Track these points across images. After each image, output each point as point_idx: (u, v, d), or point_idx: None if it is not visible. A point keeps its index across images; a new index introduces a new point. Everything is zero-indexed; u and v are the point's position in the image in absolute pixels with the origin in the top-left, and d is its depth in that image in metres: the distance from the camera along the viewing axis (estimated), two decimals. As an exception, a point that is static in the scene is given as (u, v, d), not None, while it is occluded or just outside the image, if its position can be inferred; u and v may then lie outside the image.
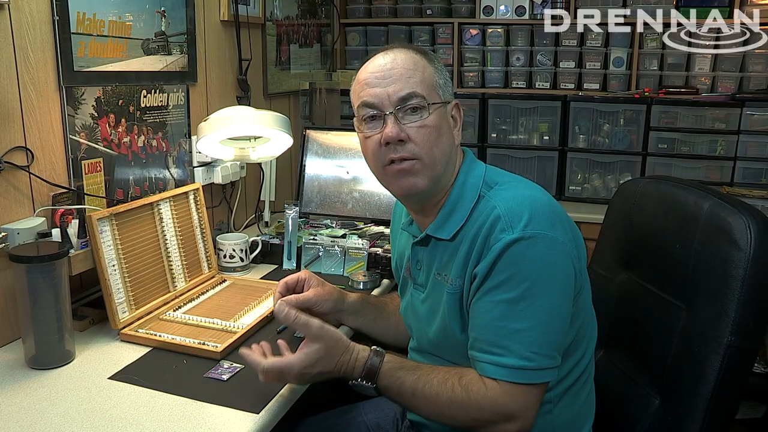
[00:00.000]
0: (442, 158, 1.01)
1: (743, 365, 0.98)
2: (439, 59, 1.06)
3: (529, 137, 2.68)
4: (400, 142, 0.98)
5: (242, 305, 1.42)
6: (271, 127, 1.63)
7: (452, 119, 1.04)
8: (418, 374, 0.97)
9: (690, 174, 2.49)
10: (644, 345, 1.13)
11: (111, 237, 1.31)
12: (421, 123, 0.98)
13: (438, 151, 1.00)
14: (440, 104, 1.01)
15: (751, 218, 0.97)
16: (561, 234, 0.93)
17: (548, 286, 0.91)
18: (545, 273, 0.90)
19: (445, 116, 1.02)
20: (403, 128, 0.98)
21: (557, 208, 0.97)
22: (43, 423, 0.97)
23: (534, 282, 0.90)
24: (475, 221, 0.97)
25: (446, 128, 1.02)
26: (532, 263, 0.90)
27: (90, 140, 1.42)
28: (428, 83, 1.00)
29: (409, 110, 0.98)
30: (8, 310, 1.24)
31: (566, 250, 0.93)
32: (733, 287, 0.95)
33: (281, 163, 2.17)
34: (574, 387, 1.03)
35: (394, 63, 1.00)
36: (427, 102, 0.99)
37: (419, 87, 0.99)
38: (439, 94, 1.01)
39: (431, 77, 1.01)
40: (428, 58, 1.03)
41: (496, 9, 2.78)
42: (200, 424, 0.98)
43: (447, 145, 1.02)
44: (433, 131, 0.99)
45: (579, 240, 0.99)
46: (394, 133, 0.97)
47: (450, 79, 1.05)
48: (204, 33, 1.85)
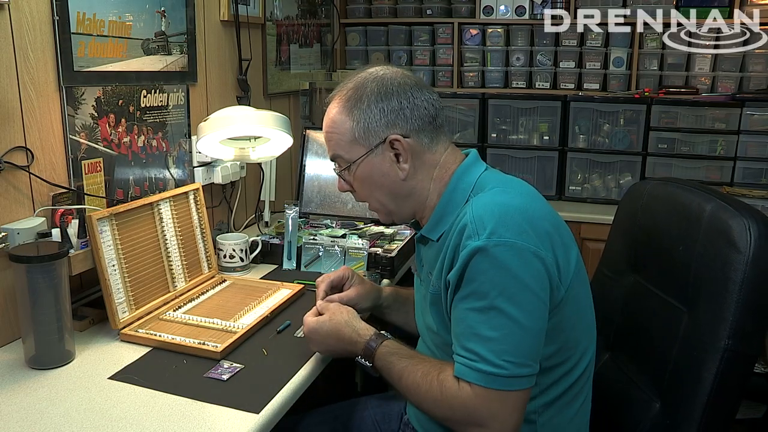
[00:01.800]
0: (386, 199, 1.09)
1: (741, 370, 0.97)
2: (367, 100, 1.03)
3: (529, 137, 2.68)
4: (350, 191, 1.13)
5: (242, 305, 1.42)
6: (271, 127, 1.63)
7: (392, 155, 1.05)
8: (407, 363, 1.01)
9: (690, 174, 2.49)
10: (647, 347, 1.13)
11: (111, 237, 1.31)
12: (351, 178, 1.09)
13: (379, 194, 1.09)
14: (363, 156, 1.05)
15: (751, 220, 0.96)
16: (532, 241, 0.91)
17: (518, 294, 0.89)
18: (513, 281, 0.89)
19: (375, 162, 1.06)
20: (346, 182, 1.11)
21: (534, 214, 0.94)
22: (43, 423, 0.97)
23: (502, 291, 0.89)
24: (456, 225, 0.97)
25: (379, 172, 1.06)
26: (499, 272, 0.89)
27: (90, 140, 1.42)
28: (346, 140, 1.06)
29: (341, 169, 1.10)
30: (8, 310, 1.24)
31: (537, 257, 0.90)
32: (732, 290, 0.95)
33: (281, 163, 2.17)
34: (562, 399, 1.02)
35: (324, 123, 1.10)
36: (348, 160, 1.07)
37: (337, 149, 1.08)
38: (362, 143, 1.05)
39: (348, 133, 1.05)
40: (348, 109, 1.05)
41: (496, 9, 2.78)
42: (200, 424, 0.98)
43: (387, 186, 1.07)
44: (365, 182, 1.08)
45: (563, 248, 0.96)
46: (339, 187, 1.14)
47: (384, 114, 1.03)
48: (204, 33, 1.85)
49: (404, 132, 1.04)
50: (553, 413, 1.01)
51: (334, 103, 1.08)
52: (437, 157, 1.07)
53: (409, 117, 1.04)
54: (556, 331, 0.96)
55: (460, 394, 0.91)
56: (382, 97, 1.04)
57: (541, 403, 1.00)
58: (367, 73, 1.08)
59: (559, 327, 0.96)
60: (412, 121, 1.04)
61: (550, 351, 0.97)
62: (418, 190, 1.07)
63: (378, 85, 1.04)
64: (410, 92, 1.04)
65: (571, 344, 1.01)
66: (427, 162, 1.06)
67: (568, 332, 0.99)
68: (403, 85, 1.05)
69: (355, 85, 1.06)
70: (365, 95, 1.04)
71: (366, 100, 1.04)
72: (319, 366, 1.19)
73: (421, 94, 1.05)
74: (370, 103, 1.04)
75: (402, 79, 1.06)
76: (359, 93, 1.05)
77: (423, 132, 1.05)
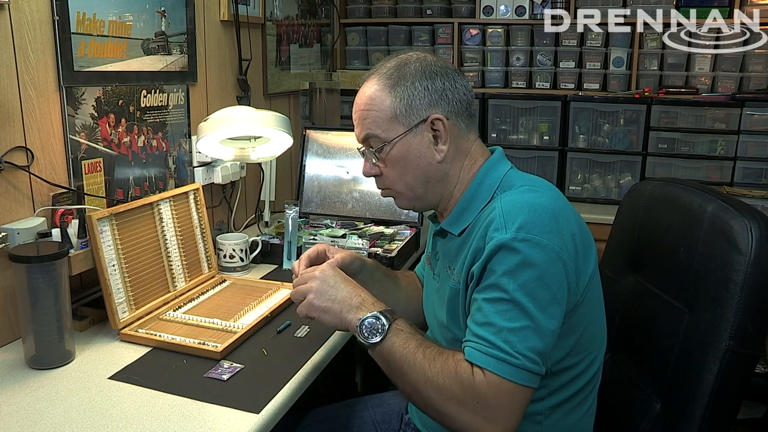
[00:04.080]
0: (417, 182, 1.06)
1: (742, 371, 0.96)
2: (411, 77, 1.03)
3: (529, 137, 2.68)
4: (376, 176, 1.09)
5: (242, 305, 1.42)
6: (271, 127, 1.63)
7: (431, 137, 1.03)
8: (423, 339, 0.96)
9: (690, 174, 2.49)
10: (648, 348, 1.13)
11: (111, 237, 1.31)
12: (384, 159, 1.05)
13: (409, 178, 1.05)
14: (402, 135, 1.02)
15: (753, 221, 0.96)
16: (557, 243, 0.90)
17: (538, 291, 0.88)
18: (535, 278, 0.89)
19: (413, 142, 1.03)
20: (373, 164, 1.08)
21: (561, 216, 0.94)
22: (43, 423, 0.97)
23: (522, 285, 0.88)
24: (482, 220, 0.97)
25: (416, 153, 1.03)
26: (522, 267, 0.89)
27: (90, 140, 1.42)
28: (385, 118, 1.03)
29: (372, 149, 1.06)
30: (8, 310, 1.24)
31: (560, 259, 0.90)
32: (733, 291, 0.94)
33: (281, 163, 2.17)
34: (571, 402, 1.01)
35: (357, 103, 1.07)
36: (385, 139, 1.03)
37: (373, 127, 1.04)
38: (402, 122, 1.02)
39: (389, 110, 1.02)
40: (390, 86, 1.03)
41: (496, 9, 2.78)
42: (200, 424, 0.98)
43: (421, 168, 1.04)
44: (397, 164, 1.05)
45: (584, 252, 0.96)
46: (365, 171, 1.10)
47: (429, 92, 1.02)
48: (204, 33, 1.85)
49: (445, 113, 1.03)
50: (559, 416, 1.01)
51: (371, 81, 1.05)
52: (469, 146, 1.07)
53: (450, 99, 1.03)
54: (569, 333, 0.96)
55: (473, 378, 0.88)
56: (427, 75, 1.02)
57: (548, 406, 0.99)
58: (408, 54, 1.07)
59: (571, 330, 0.96)
60: (453, 104, 1.03)
61: (560, 354, 0.97)
62: (450, 175, 1.06)
63: (422, 64, 1.04)
64: (452, 75, 1.04)
65: (582, 348, 1.00)
66: (461, 148, 1.06)
67: (579, 336, 0.98)
68: (445, 67, 1.05)
69: (397, 64, 1.05)
70: (410, 73, 1.03)
71: (410, 77, 1.02)
72: (319, 366, 1.19)
73: (461, 80, 1.06)
74: (414, 81, 1.02)
75: (444, 62, 1.06)
76: (403, 71, 1.03)
77: (461, 117, 1.05)
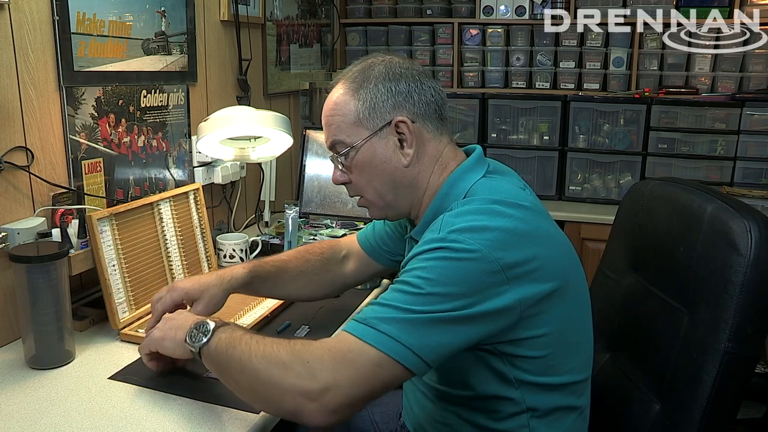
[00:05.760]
0: (385, 188, 1.03)
1: (741, 373, 0.96)
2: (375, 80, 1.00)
3: (529, 137, 2.68)
4: (345, 183, 1.07)
5: (242, 305, 1.42)
6: (271, 127, 1.63)
7: (397, 140, 1.01)
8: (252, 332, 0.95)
9: (690, 174, 2.49)
10: (647, 349, 1.12)
11: (111, 237, 1.31)
12: (350, 165, 1.03)
13: (377, 184, 1.03)
14: (366, 139, 1.00)
15: (753, 222, 0.95)
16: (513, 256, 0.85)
17: (447, 298, 0.83)
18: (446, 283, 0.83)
19: (378, 146, 1.00)
20: (343, 172, 1.06)
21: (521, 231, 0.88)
22: (43, 423, 0.97)
23: (432, 282, 0.83)
24: None
25: (382, 158, 1.01)
26: (439, 266, 0.84)
27: (90, 140, 1.42)
28: (349, 123, 1.01)
29: (340, 156, 1.04)
30: (8, 310, 1.24)
31: (492, 274, 0.84)
32: (732, 292, 0.94)
33: (281, 163, 2.17)
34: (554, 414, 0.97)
35: (324, 109, 1.05)
36: (350, 144, 1.02)
37: (338, 132, 1.03)
38: (366, 126, 1.00)
39: (352, 114, 1.00)
40: (353, 90, 1.01)
41: (496, 9, 2.78)
42: (200, 424, 0.98)
43: (387, 173, 1.02)
44: (364, 169, 1.03)
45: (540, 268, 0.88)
46: (334, 179, 1.08)
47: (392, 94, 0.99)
48: (204, 33, 1.85)
49: (411, 116, 1.00)
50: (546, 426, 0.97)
51: (337, 86, 1.04)
52: (440, 149, 1.03)
53: (416, 101, 1.01)
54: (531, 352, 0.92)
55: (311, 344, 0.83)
56: (390, 77, 1.00)
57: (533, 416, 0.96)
58: (374, 57, 1.05)
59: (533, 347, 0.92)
60: (419, 106, 1.01)
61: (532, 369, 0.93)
62: (418, 180, 1.03)
63: (386, 67, 1.02)
64: (418, 77, 1.02)
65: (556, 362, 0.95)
66: (429, 152, 1.03)
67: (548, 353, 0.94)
68: (411, 69, 1.03)
69: (361, 68, 1.03)
70: (373, 76, 1.01)
71: (374, 80, 1.00)
72: (319, 366, 1.19)
73: (429, 82, 1.03)
74: (377, 83, 1.00)
75: (410, 64, 1.04)
76: (366, 74, 1.01)
77: (428, 119, 1.02)
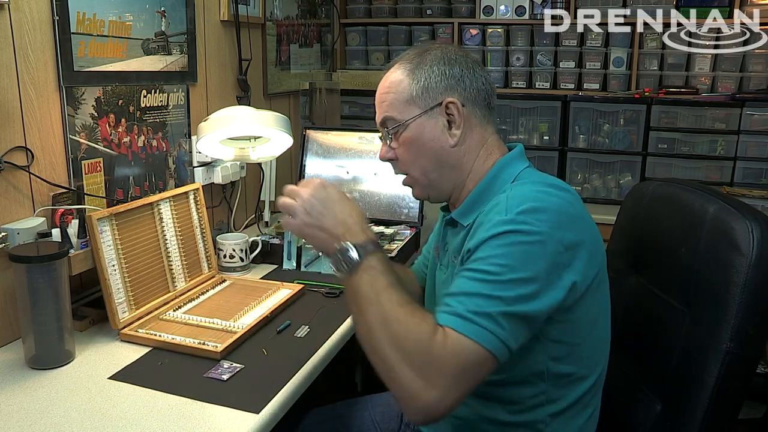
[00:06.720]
0: (430, 166, 1.05)
1: (742, 373, 0.96)
2: (431, 62, 1.05)
3: (529, 137, 2.68)
4: (391, 160, 1.09)
5: (242, 305, 1.42)
6: (271, 127, 1.63)
7: (446, 121, 1.04)
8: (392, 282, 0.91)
9: (690, 174, 2.49)
10: (649, 349, 1.12)
11: (111, 237, 1.31)
12: (399, 141, 1.06)
13: (423, 161, 1.05)
14: (416, 117, 1.03)
15: (754, 222, 0.95)
16: (570, 237, 0.88)
17: (526, 283, 0.85)
18: (523, 267, 0.86)
19: (427, 125, 1.04)
20: (390, 148, 1.08)
21: (570, 219, 0.91)
22: (43, 423, 0.97)
23: (511, 268, 0.85)
24: (489, 210, 0.96)
25: (430, 136, 1.04)
26: (514, 252, 0.86)
27: (90, 140, 1.42)
28: (401, 100, 1.04)
29: (390, 132, 1.07)
30: (8, 310, 1.24)
31: (558, 255, 0.87)
32: (734, 293, 0.94)
33: (281, 163, 2.17)
34: (572, 409, 0.99)
35: (378, 89, 1.09)
36: (399, 120, 1.04)
37: (389, 109, 1.06)
38: (418, 104, 1.03)
39: (405, 92, 1.04)
40: (409, 70, 1.05)
41: (496, 9, 2.78)
42: (200, 424, 0.98)
43: (434, 152, 1.04)
44: (411, 146, 1.05)
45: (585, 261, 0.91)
46: (381, 155, 1.10)
47: (446, 77, 1.04)
48: (204, 33, 1.85)
49: (461, 99, 1.04)
50: (561, 423, 0.99)
51: (394, 68, 1.08)
52: (486, 136, 1.07)
53: (467, 86, 1.04)
54: (566, 340, 0.94)
55: (433, 338, 0.83)
56: (445, 61, 1.05)
57: (549, 413, 0.98)
58: (431, 43, 1.10)
59: (569, 336, 0.94)
60: (469, 91, 1.04)
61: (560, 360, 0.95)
62: (463, 162, 1.06)
63: (442, 52, 1.06)
64: (471, 65, 1.06)
65: (584, 356, 0.98)
66: (476, 136, 1.06)
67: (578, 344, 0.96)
68: (465, 57, 1.07)
69: (418, 51, 1.07)
70: (428, 59, 1.05)
71: (429, 62, 1.05)
72: (319, 366, 1.19)
73: (481, 71, 1.07)
74: (432, 65, 1.04)
75: (464, 53, 1.08)
76: (423, 57, 1.06)
77: (477, 106, 1.06)
